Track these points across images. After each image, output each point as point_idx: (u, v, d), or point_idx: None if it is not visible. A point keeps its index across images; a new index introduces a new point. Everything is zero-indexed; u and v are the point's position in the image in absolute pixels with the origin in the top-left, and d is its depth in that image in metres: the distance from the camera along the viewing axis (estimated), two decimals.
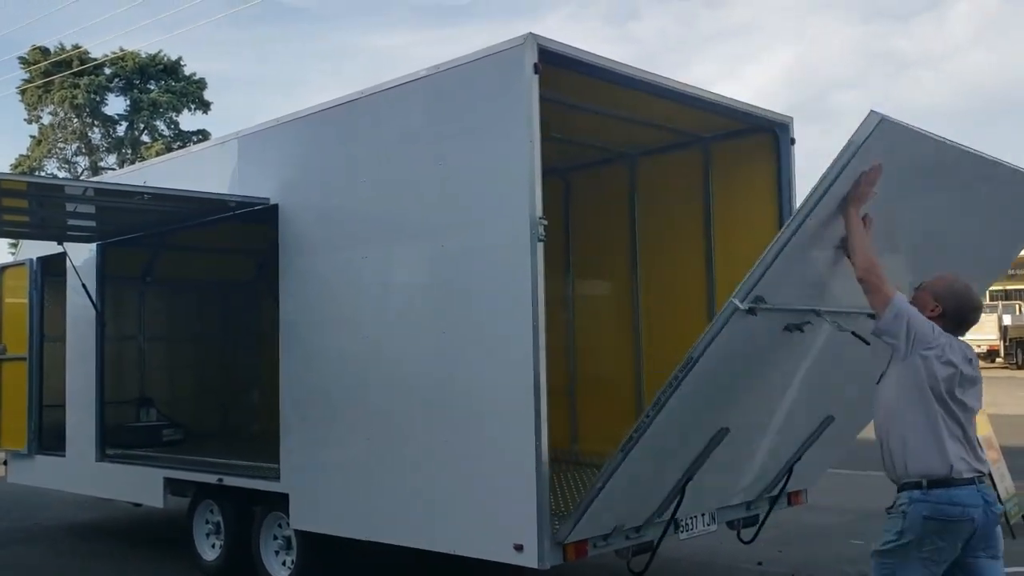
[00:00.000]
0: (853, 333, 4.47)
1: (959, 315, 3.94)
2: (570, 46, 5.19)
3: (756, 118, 6.74)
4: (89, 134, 41.46)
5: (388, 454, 5.63)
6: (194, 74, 42.60)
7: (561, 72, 5.33)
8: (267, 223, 6.56)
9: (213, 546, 7.15)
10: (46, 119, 40.59)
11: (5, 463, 9.44)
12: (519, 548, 4.83)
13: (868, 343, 4.40)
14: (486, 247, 5.12)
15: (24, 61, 39.50)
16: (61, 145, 41.06)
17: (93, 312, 8.15)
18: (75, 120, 40.52)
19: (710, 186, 7.26)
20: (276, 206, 6.43)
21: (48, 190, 6.05)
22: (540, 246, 4.87)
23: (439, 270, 5.42)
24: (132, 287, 10.13)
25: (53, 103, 39.56)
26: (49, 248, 8.60)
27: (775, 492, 6.09)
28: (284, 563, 6.52)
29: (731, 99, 6.44)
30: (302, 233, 6.28)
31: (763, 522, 6.16)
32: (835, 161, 3.90)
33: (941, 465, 3.75)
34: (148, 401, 9.97)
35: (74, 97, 38.91)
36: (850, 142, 3.87)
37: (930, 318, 3.87)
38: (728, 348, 4.32)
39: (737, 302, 4.10)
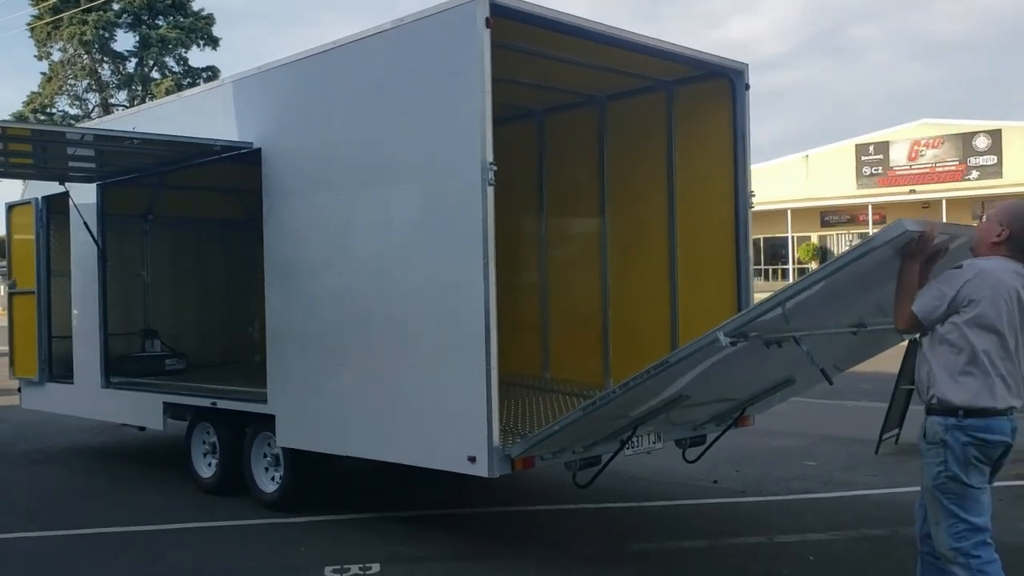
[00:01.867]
0: (822, 371, 4.62)
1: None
2: (522, 1, 5.57)
3: (712, 65, 7.11)
4: (99, 70, 41.74)
5: (360, 378, 6.19)
6: (202, 10, 42.61)
7: (521, 23, 5.74)
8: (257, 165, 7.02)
9: (209, 464, 7.76)
10: (56, 56, 40.87)
11: (20, 390, 10.08)
12: (472, 459, 5.38)
13: (831, 383, 4.83)
14: (442, 190, 5.58)
15: None
16: (71, 82, 41.40)
17: (95, 249, 8.66)
18: (85, 57, 40.78)
19: (672, 129, 7.63)
20: (259, 150, 6.89)
21: (48, 136, 6.50)
22: (490, 190, 5.31)
23: (402, 212, 5.91)
24: (136, 225, 10.65)
25: (62, 39, 39.81)
26: (54, 187, 9.08)
27: (726, 423, 6.54)
28: (273, 478, 7.12)
29: (682, 47, 6.80)
30: (283, 176, 6.75)
31: (710, 444, 6.64)
32: (845, 254, 3.92)
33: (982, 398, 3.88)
34: (153, 333, 10.54)
35: (83, 33, 39.12)
36: (869, 241, 3.88)
37: (995, 243, 3.99)
38: (702, 357, 4.63)
39: (721, 336, 4.25)
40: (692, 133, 7.52)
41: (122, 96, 42.20)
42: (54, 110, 40.82)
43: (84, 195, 8.83)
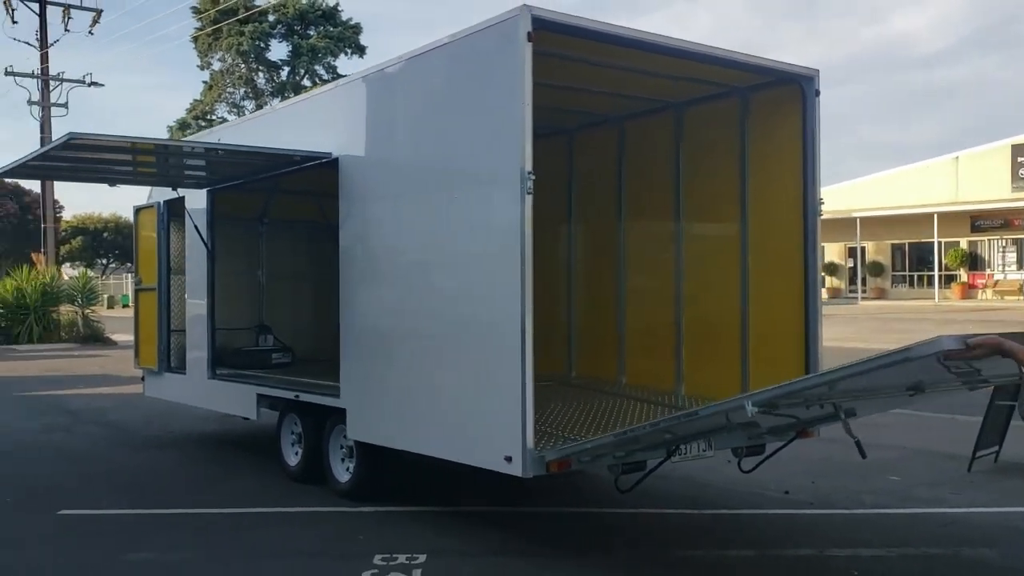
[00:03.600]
0: (856, 443, 4.66)
1: None
2: (564, 14, 5.73)
3: (781, 72, 7.05)
4: (255, 79, 44.14)
5: (413, 377, 6.50)
6: (350, 19, 44.41)
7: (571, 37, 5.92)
8: None
9: (296, 454, 8.26)
10: (216, 65, 43.52)
11: (143, 379, 10.96)
12: (508, 459, 5.59)
13: (865, 457, 4.75)
14: (485, 198, 5.82)
15: (196, 11, 42.24)
16: (230, 90, 43.97)
17: (205, 250, 9.35)
18: (242, 66, 43.24)
19: (746, 135, 7.60)
20: (337, 159, 7.31)
21: (159, 149, 7.18)
22: (529, 198, 5.52)
23: (448, 219, 6.18)
24: (252, 227, 11.39)
25: (221, 50, 42.34)
26: (174, 192, 9.86)
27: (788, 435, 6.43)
28: (347, 468, 7.53)
29: (745, 55, 6.80)
30: (355, 184, 7.16)
31: (770, 456, 6.56)
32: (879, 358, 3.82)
33: None
34: (266, 329, 11.23)
35: (240, 44, 41.51)
36: (905, 351, 3.72)
37: None
38: (733, 417, 4.75)
39: (748, 405, 4.33)
40: (764, 139, 7.47)
41: (277, 103, 44.54)
42: (214, 116, 43.47)
43: (199, 200, 9.55)
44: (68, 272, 39.67)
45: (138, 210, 10.95)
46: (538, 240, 9.43)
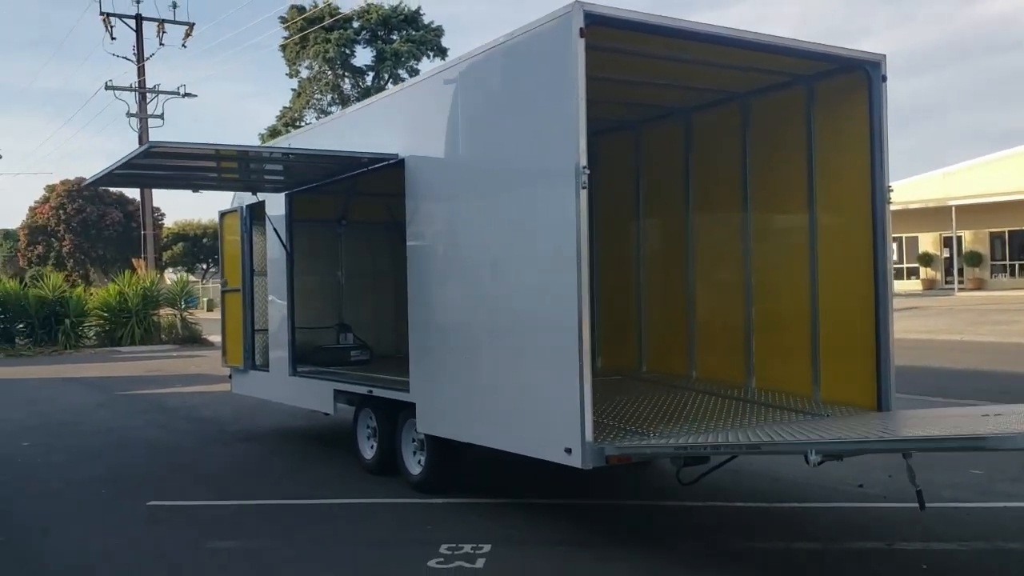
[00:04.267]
0: (917, 493, 5.14)
1: None
2: (618, 9, 5.77)
3: (845, 59, 6.95)
4: (341, 85, 45.10)
5: (479, 372, 6.64)
6: (432, 22, 45.00)
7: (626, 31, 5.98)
8: None
9: (371, 447, 8.49)
10: (303, 73, 44.62)
11: (231, 377, 11.39)
12: (568, 451, 5.67)
13: (923, 508, 5.15)
14: (543, 194, 5.90)
15: (283, 20, 43.41)
16: (317, 96, 45.03)
17: (285, 252, 9.68)
18: (328, 73, 44.24)
19: (812, 123, 7.50)
20: (403, 160, 7.51)
21: (234, 155, 7.49)
22: (584, 193, 5.58)
23: (508, 216, 6.29)
24: (331, 229, 11.73)
25: (308, 58, 43.40)
26: (248, 197, 10.24)
27: None
28: (419, 461, 7.71)
29: (806, 43, 6.74)
30: (420, 184, 7.33)
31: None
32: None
33: None
34: (346, 327, 11.53)
35: (326, 51, 42.49)
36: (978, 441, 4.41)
37: None
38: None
39: (811, 454, 4.79)
40: (830, 127, 7.38)
41: None
42: (303, 123, 44.57)
43: (278, 204, 9.88)
44: (170, 277, 41.19)
45: (223, 215, 11.39)
46: (607, 235, 9.58)
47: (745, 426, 6.35)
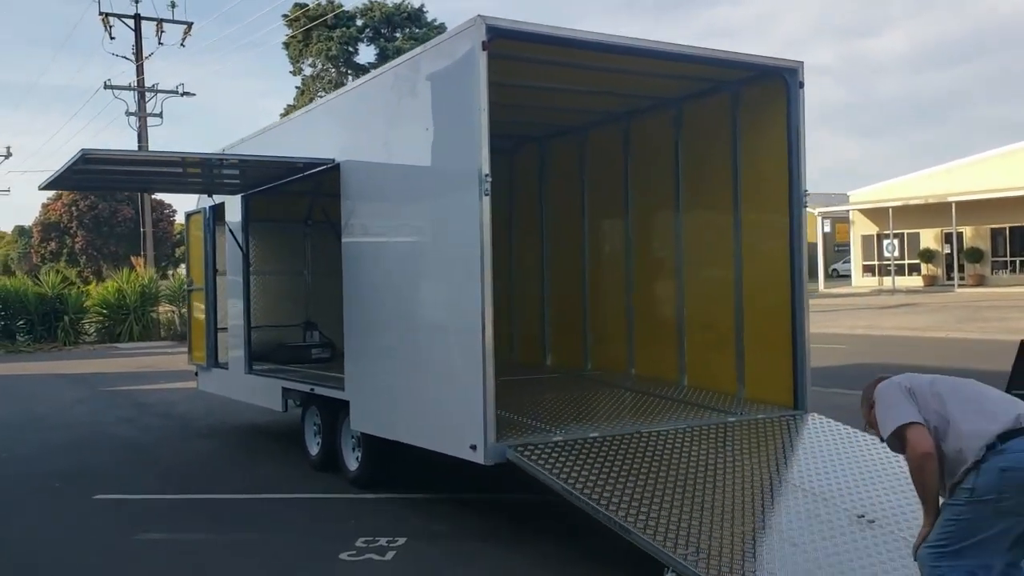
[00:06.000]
0: None
1: None
2: (519, 22, 5.97)
3: (762, 66, 7.15)
4: (344, 83, 45.38)
5: (400, 371, 6.88)
6: (435, 20, 45.21)
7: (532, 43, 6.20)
8: None
9: (317, 444, 8.73)
10: (307, 71, 44.95)
11: (196, 374, 11.67)
12: (473, 448, 5.89)
13: None
14: (450, 201, 6.13)
15: (286, 18, 43.74)
16: (321, 94, 45.27)
17: (241, 253, 9.93)
18: (332, 70, 44.53)
19: (737, 127, 7.69)
20: (338, 164, 7.74)
21: (171, 161, 7.78)
22: (487, 200, 5.78)
23: (420, 221, 6.54)
24: (296, 229, 11.97)
25: (312, 55, 43.72)
26: (218, 198, 10.50)
27: None
28: (357, 458, 7.95)
29: (715, 51, 6.94)
30: (351, 187, 7.57)
31: None
32: None
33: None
34: (312, 325, 11.79)
35: (329, 49, 42.80)
36: None
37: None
38: None
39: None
40: (753, 131, 7.56)
41: None
42: None
43: (236, 205, 10.12)
44: (183, 273, 41.59)
45: (188, 215, 11.66)
46: (555, 239, 9.82)
47: (645, 423, 6.58)
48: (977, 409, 3.70)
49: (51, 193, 57.78)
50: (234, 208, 10.08)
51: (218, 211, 10.81)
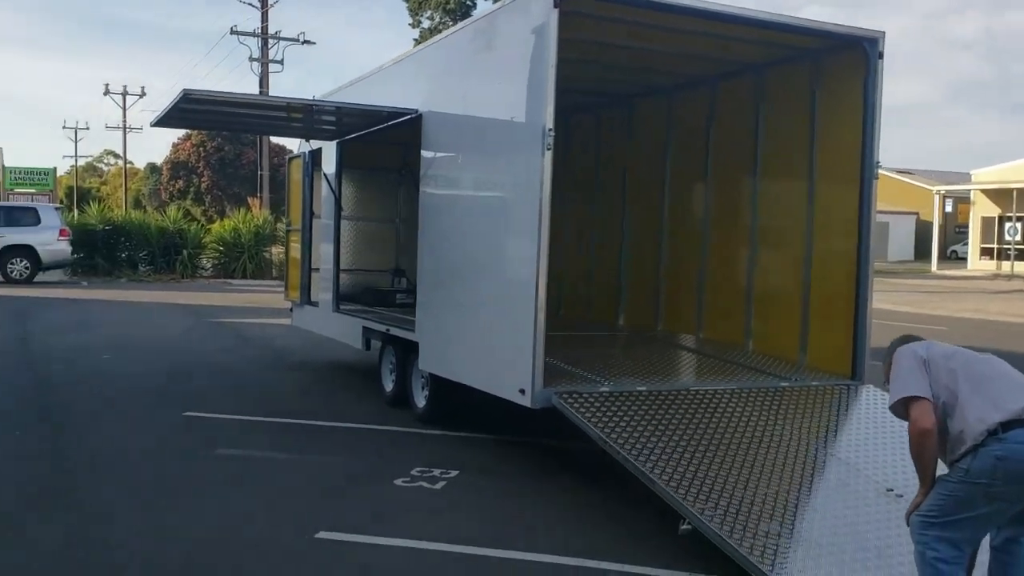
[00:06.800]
0: None
1: None
2: None
3: (841, 36, 7.12)
4: None
5: (461, 315, 7.23)
6: None
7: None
8: None
9: (392, 381, 9.19)
10: (425, 23, 45.48)
11: (291, 311, 12.33)
12: (522, 392, 6.20)
13: None
14: (516, 153, 6.39)
15: None
16: None
17: (333, 197, 10.43)
18: (450, 24, 44.91)
19: (816, 97, 7.67)
20: (421, 115, 8.07)
21: (262, 104, 8.25)
22: (548, 154, 6.01)
23: (493, 172, 6.81)
24: (390, 177, 12.42)
25: (430, 8, 44.20)
26: (316, 143, 11.01)
27: None
28: (425, 396, 8.37)
29: (797, 19, 6.94)
30: (431, 138, 7.90)
31: None
32: None
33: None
34: (401, 272, 12.28)
35: (447, 2, 43.14)
36: None
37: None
38: None
39: None
40: (830, 102, 7.55)
41: None
42: None
43: (332, 151, 10.58)
44: None
45: (290, 159, 12.23)
46: (638, 201, 9.95)
47: (695, 382, 6.75)
48: (985, 393, 3.75)
49: (181, 133, 60.34)
50: (330, 154, 10.56)
51: (316, 156, 11.32)
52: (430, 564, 4.99)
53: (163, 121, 8.80)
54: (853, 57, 7.21)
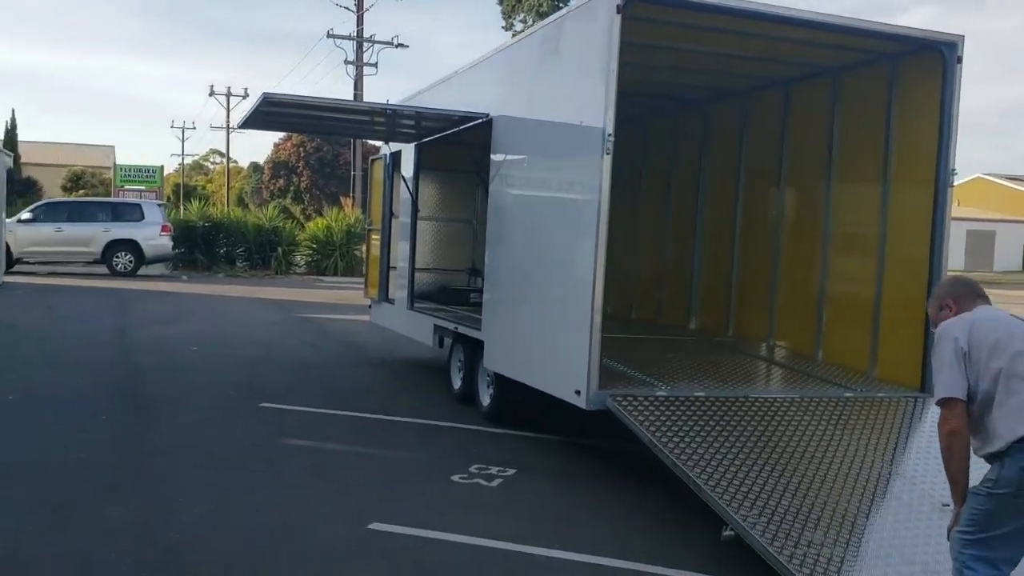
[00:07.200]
0: None
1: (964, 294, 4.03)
2: None
3: (919, 40, 6.98)
4: None
5: (522, 316, 7.33)
6: None
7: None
8: None
9: (460, 379, 9.35)
10: (518, 26, 45.73)
11: (370, 307, 12.63)
12: (578, 393, 6.27)
13: None
14: (577, 157, 6.46)
15: None
16: None
17: (411, 197, 10.67)
18: None
19: (892, 102, 7.51)
20: (491, 119, 8.20)
21: (335, 107, 8.51)
22: (608, 158, 6.07)
23: (555, 175, 6.89)
24: (468, 179, 12.60)
25: (524, 11, 44.46)
26: (397, 145, 11.29)
27: None
28: (490, 394, 8.50)
29: (872, 23, 6.81)
30: (500, 141, 8.02)
31: None
32: None
33: None
34: (477, 272, 12.45)
35: (540, 5, 43.34)
36: None
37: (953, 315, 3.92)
38: None
39: None
40: (906, 107, 7.41)
41: None
42: None
43: (411, 153, 10.82)
44: None
45: (372, 161, 12.56)
46: (713, 203, 9.92)
47: (756, 389, 6.68)
48: (1018, 402, 3.65)
49: (282, 134, 62.09)
50: (408, 156, 10.80)
51: (396, 158, 11.59)
52: (472, 558, 5.10)
53: (247, 123, 9.16)
54: (930, 61, 7.05)
